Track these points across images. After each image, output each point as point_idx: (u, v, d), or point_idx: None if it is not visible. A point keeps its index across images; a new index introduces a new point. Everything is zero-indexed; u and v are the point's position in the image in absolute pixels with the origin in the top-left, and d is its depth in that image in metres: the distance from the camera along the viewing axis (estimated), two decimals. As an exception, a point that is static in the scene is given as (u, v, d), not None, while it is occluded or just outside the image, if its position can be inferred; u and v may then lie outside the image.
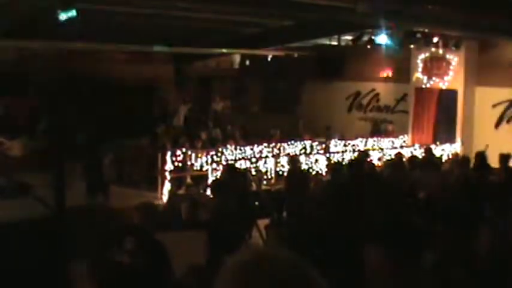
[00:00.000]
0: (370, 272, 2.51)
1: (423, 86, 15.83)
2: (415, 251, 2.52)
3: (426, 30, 13.52)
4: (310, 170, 12.95)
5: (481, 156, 10.39)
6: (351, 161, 11.04)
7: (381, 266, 2.45)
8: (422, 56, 15.60)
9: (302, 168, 12.08)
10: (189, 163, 12.21)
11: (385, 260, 2.44)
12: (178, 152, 12.21)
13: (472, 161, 10.24)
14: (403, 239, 2.50)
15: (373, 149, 14.64)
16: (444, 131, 15.58)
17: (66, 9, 8.97)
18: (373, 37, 13.28)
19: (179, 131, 15.60)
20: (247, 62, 19.30)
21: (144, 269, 5.19)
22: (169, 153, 12.09)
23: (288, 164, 11.93)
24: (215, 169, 11.71)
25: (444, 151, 14.57)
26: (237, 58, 19.80)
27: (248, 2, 10.83)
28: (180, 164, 12.16)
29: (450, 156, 13.65)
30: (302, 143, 14.41)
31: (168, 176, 11.95)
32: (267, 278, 1.42)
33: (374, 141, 15.55)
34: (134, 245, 5.23)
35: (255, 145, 13.54)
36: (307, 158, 13.22)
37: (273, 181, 12.46)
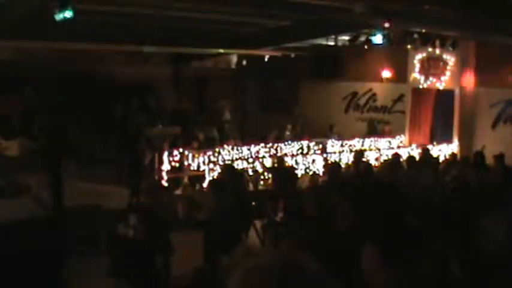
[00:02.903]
0: (367, 273, 2.50)
1: (420, 86, 15.84)
2: (412, 252, 2.51)
3: (423, 31, 13.52)
4: (308, 171, 12.96)
5: (480, 155, 10.40)
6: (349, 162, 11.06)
7: (377, 268, 2.45)
8: (419, 56, 15.61)
9: (286, 165, 12.14)
10: (186, 163, 12.20)
11: (382, 262, 2.43)
12: (175, 152, 12.20)
13: (470, 161, 10.25)
14: (401, 240, 2.49)
15: (370, 149, 14.64)
16: (441, 131, 15.60)
17: (62, 9, 8.94)
18: (370, 37, 13.26)
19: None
20: (245, 62, 19.27)
21: (144, 241, 5.84)
22: (166, 154, 12.08)
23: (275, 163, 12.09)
24: (212, 169, 11.70)
25: (441, 151, 14.58)
26: (234, 58, 19.77)
27: (245, 2, 10.82)
28: (177, 165, 12.15)
29: (447, 157, 13.66)
30: (299, 143, 14.39)
31: (165, 176, 11.94)
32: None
33: (371, 141, 15.55)
34: (136, 220, 5.86)
35: (252, 145, 13.54)
36: (305, 158, 13.23)
37: (270, 181, 12.45)
